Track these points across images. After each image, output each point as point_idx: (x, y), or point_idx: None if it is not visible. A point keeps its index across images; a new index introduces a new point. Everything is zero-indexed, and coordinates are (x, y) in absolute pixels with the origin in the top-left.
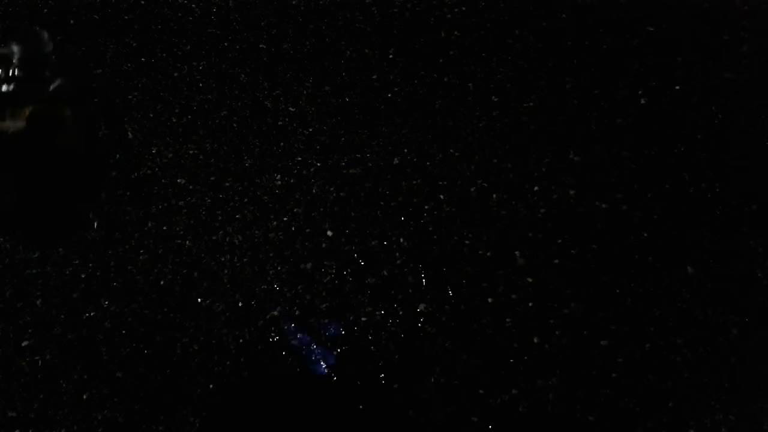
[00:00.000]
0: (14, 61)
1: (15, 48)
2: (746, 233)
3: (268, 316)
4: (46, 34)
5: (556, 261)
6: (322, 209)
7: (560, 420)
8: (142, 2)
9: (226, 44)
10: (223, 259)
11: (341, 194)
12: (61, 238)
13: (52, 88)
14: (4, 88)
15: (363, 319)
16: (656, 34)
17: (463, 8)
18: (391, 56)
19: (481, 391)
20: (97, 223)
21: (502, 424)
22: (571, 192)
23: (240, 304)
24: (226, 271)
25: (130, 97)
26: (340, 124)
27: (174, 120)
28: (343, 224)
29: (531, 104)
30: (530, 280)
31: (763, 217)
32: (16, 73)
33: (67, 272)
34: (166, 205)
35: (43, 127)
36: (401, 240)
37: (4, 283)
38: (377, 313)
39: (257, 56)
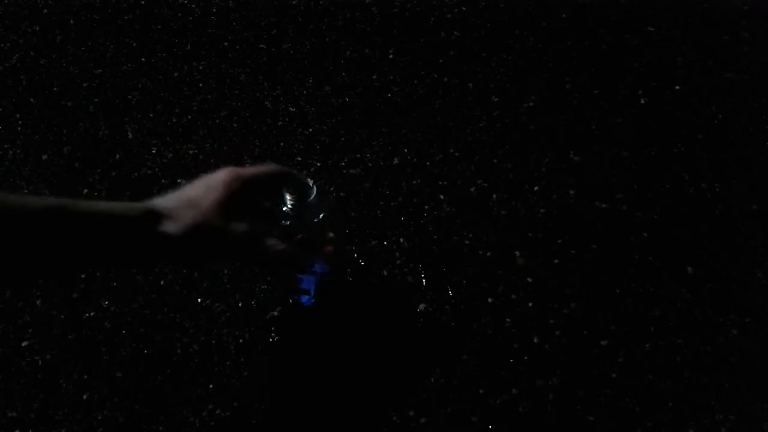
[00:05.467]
0: (288, 204)
1: (288, 196)
2: (746, 233)
3: (268, 316)
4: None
5: (556, 261)
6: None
7: (560, 420)
8: (142, 2)
9: (226, 44)
10: None
11: (341, 194)
12: None
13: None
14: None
15: (363, 318)
16: (656, 34)
17: (463, 8)
18: (391, 56)
19: (481, 391)
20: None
21: (502, 424)
22: (571, 192)
23: (240, 305)
24: (226, 271)
25: (130, 97)
26: (340, 124)
27: (174, 120)
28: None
29: (531, 104)
30: (530, 280)
31: (763, 217)
32: (289, 213)
33: None
34: None
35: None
36: (401, 240)
37: None
38: (377, 313)
39: (257, 56)
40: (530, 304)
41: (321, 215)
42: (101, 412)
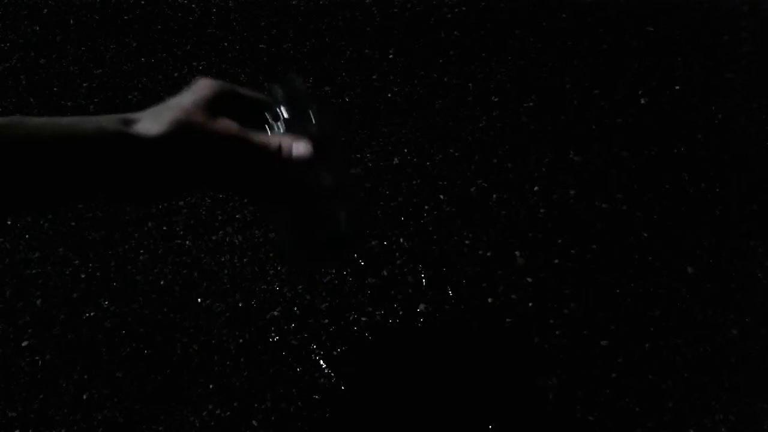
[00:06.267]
0: (280, 102)
1: (277, 91)
2: (746, 233)
3: (268, 316)
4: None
5: (556, 261)
6: None
7: (560, 420)
8: (142, 2)
9: (226, 44)
10: (223, 259)
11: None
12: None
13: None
14: (278, 127)
15: (363, 319)
16: (656, 34)
17: (463, 8)
18: (391, 56)
19: (481, 391)
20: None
21: (503, 424)
22: (571, 192)
23: (240, 304)
24: (226, 271)
25: (130, 97)
26: (340, 124)
27: None
28: None
29: (531, 104)
30: (530, 280)
31: (763, 217)
32: (283, 112)
33: (67, 272)
34: (166, 205)
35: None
36: (401, 240)
37: (4, 283)
38: (377, 313)
39: (257, 56)
40: (530, 304)
41: (316, 118)
42: (101, 412)
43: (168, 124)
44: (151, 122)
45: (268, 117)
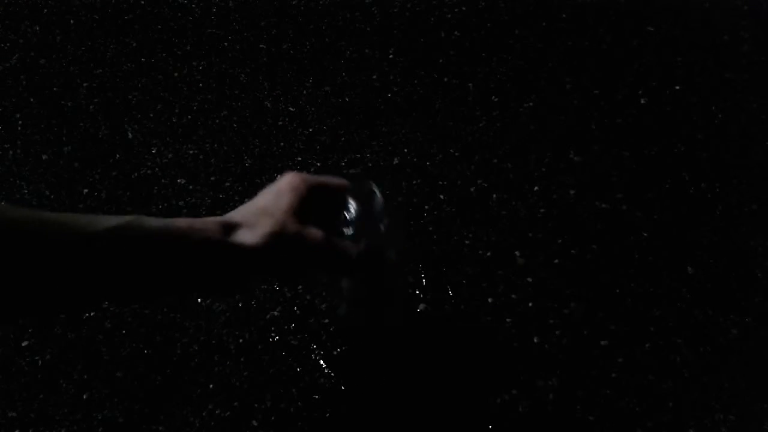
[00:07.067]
0: (352, 210)
1: (351, 202)
2: (746, 233)
3: (268, 316)
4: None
5: (556, 261)
6: None
7: (560, 420)
8: (142, 2)
9: (226, 44)
10: None
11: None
12: None
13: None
14: (346, 230)
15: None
16: (656, 34)
17: (463, 8)
18: (391, 56)
19: (481, 391)
20: None
21: (502, 424)
22: (571, 192)
23: (240, 305)
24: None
25: (130, 97)
26: (340, 124)
27: (174, 120)
28: None
29: (531, 104)
30: (530, 280)
31: (763, 217)
32: (354, 219)
33: None
34: (166, 205)
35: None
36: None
37: None
38: (377, 312)
39: (257, 56)
40: (530, 304)
41: (385, 224)
42: (101, 412)
43: (265, 237)
44: (249, 233)
45: (347, 201)
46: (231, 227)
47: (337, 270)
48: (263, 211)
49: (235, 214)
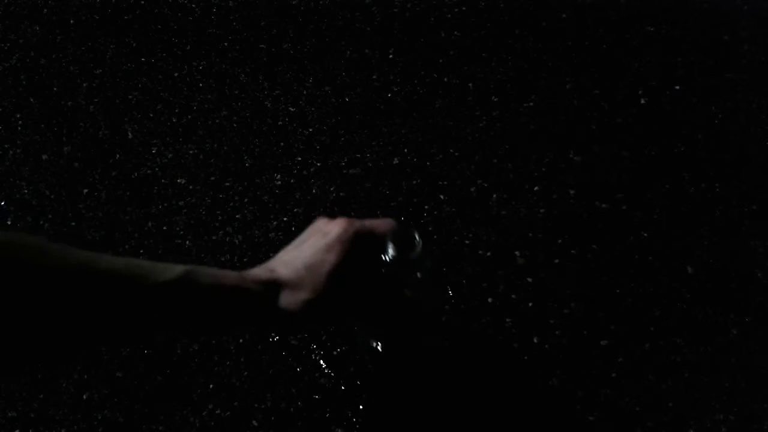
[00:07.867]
0: (390, 255)
1: (391, 247)
2: (746, 233)
3: None
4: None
5: (556, 261)
6: (322, 209)
7: (560, 420)
8: (142, 2)
9: (226, 44)
10: (223, 259)
11: (341, 194)
12: None
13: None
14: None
15: None
16: (656, 34)
17: (463, 8)
18: (391, 56)
19: (480, 392)
20: (97, 223)
21: (503, 425)
22: (571, 192)
23: None
24: None
25: (130, 97)
26: (340, 124)
27: (174, 120)
28: None
29: (531, 104)
30: (530, 280)
31: (763, 217)
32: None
33: None
34: (166, 205)
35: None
36: None
37: None
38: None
39: (257, 56)
40: (530, 304)
41: (423, 272)
42: (101, 412)
43: (306, 304)
44: (293, 297)
45: (387, 245)
46: (276, 287)
47: (369, 327)
48: (310, 268)
49: (283, 268)
